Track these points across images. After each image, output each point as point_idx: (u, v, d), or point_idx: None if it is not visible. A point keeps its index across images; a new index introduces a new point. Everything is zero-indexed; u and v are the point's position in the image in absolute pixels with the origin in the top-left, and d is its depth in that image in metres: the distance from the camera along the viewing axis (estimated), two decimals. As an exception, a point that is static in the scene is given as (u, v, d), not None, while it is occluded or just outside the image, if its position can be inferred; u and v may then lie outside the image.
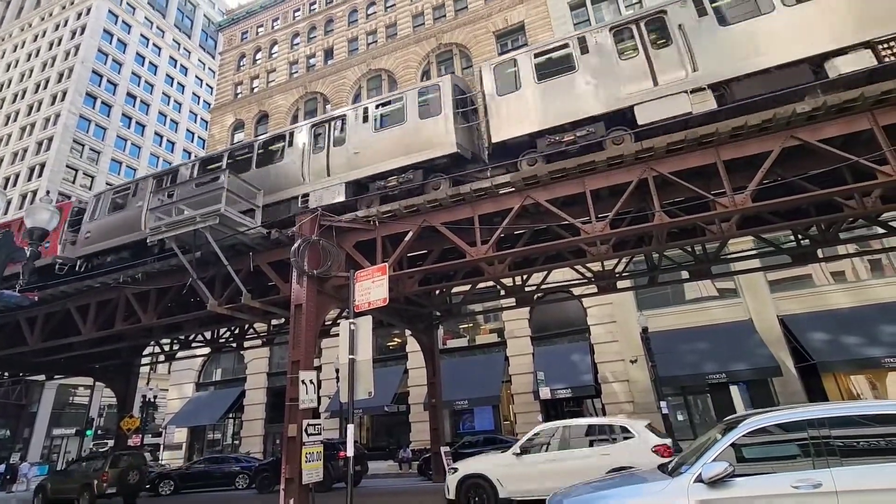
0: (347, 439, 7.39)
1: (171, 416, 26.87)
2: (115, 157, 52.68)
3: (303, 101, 32.39)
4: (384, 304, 8.42)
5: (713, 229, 10.76)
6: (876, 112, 8.35)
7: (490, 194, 10.49)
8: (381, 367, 22.95)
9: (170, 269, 12.88)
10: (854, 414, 4.41)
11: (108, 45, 54.63)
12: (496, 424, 21.22)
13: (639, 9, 23.68)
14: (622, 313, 19.93)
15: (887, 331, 15.68)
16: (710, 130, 8.95)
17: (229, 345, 20.00)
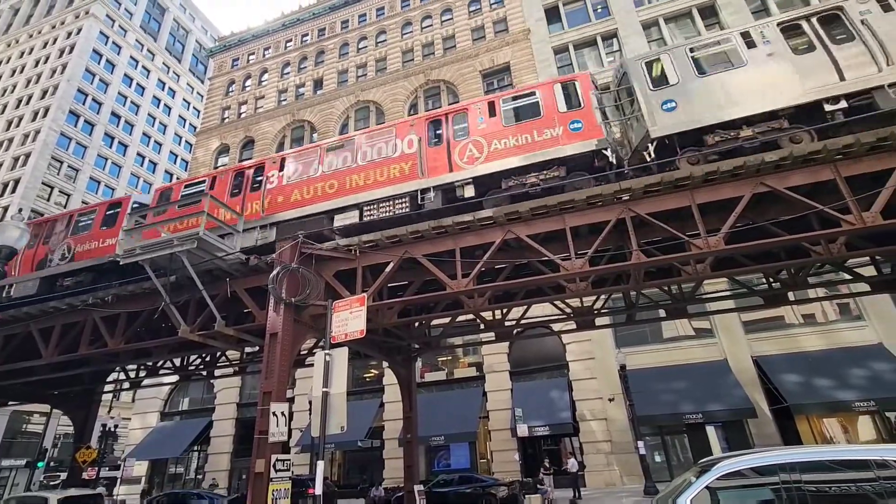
0: (316, 476, 7.10)
1: (132, 448, 25.51)
2: (94, 175, 51.84)
3: (290, 129, 32.65)
4: (361, 336, 8.28)
5: (688, 270, 11.00)
6: (838, 164, 8.80)
7: (472, 228, 10.58)
8: (357, 399, 22.37)
9: (142, 293, 12.51)
10: (824, 459, 4.45)
11: (95, 65, 54.61)
12: (472, 462, 20.70)
13: (619, 57, 24.93)
14: (601, 350, 19.99)
15: (856, 374, 16.03)
16: (685, 174, 9.28)
17: (199, 373, 19.29)
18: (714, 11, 24.96)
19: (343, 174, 12.02)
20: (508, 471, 19.07)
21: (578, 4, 28.30)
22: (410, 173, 11.37)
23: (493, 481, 16.71)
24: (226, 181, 13.37)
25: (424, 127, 11.89)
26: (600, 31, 26.52)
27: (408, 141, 11.81)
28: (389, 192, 11.39)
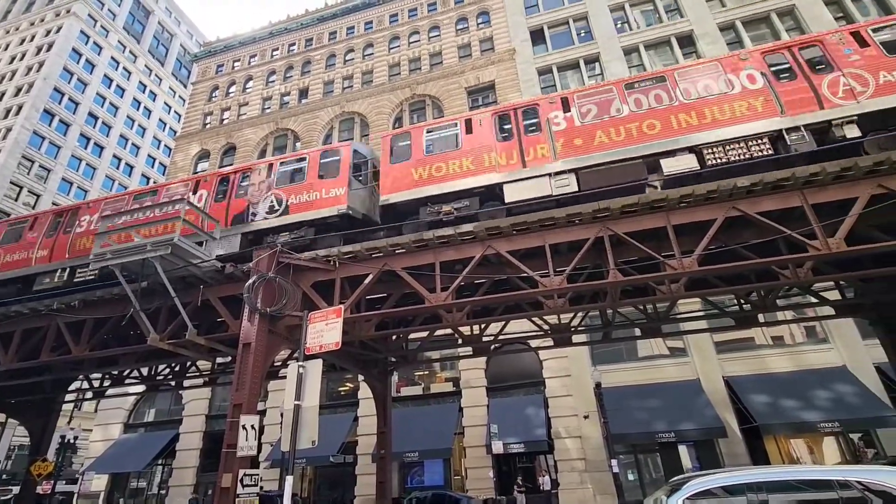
0: (285, 493, 6.91)
1: (92, 461, 24.40)
2: (67, 176, 50.41)
3: (272, 137, 32.41)
4: (337, 348, 8.17)
5: (663, 289, 11.22)
6: (806, 191, 9.16)
7: (452, 242, 10.62)
8: (331, 413, 21.94)
9: (111, 298, 12.13)
10: (789, 479, 4.54)
11: (74, 65, 53.49)
12: (446, 479, 20.42)
13: (600, 79, 25.61)
14: (577, 367, 20.10)
15: (822, 396, 16.48)
16: (662, 196, 9.53)
17: (167, 383, 18.68)
18: (692, 41, 25.93)
19: (666, 112, 10.60)
20: (482, 488, 18.88)
21: (562, 28, 29.07)
22: (765, 110, 10.03)
23: (466, 499, 16.52)
24: (489, 125, 11.78)
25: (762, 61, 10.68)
26: (583, 55, 27.24)
27: (747, 76, 10.61)
28: (739, 131, 10.01)
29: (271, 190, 12.49)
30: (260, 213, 12.27)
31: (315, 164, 12.46)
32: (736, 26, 25.52)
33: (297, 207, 12.02)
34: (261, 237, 12.14)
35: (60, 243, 13.38)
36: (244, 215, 12.42)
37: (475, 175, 11.14)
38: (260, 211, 12.31)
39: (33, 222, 14.27)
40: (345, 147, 12.72)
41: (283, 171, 12.78)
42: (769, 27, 25.14)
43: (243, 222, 12.34)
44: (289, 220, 11.92)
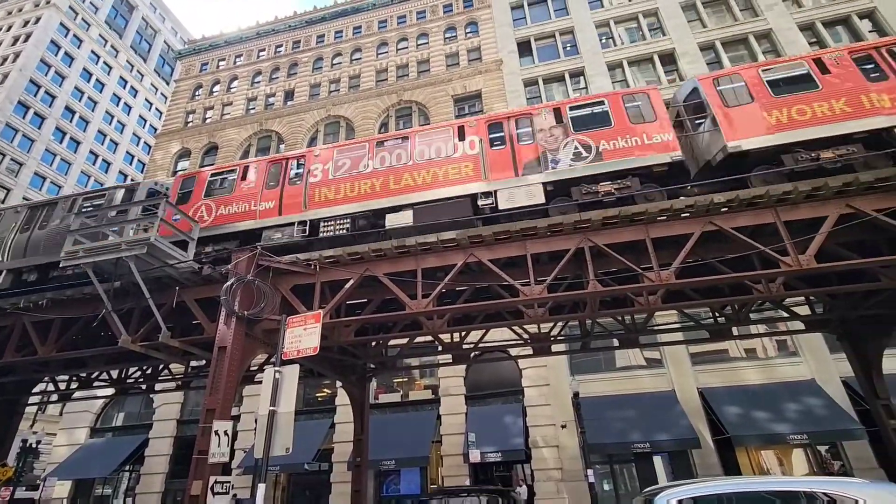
0: (257, 500, 6.76)
1: (55, 466, 23.49)
2: (40, 171, 48.93)
3: (256, 138, 32.05)
4: (314, 353, 8.06)
5: (641, 301, 11.40)
6: (779, 209, 9.45)
7: (435, 249, 10.62)
8: (307, 419, 21.60)
9: (82, 298, 11.77)
10: (758, 490, 4.63)
11: (52, 57, 52.16)
12: (423, 488, 20.24)
13: (585, 93, 26.06)
14: (555, 376, 20.22)
15: (791, 408, 16.88)
16: (642, 210, 9.71)
17: (138, 386, 18.14)
18: (673, 59, 26.61)
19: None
20: (459, 497, 18.74)
21: (549, 41, 29.55)
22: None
23: (442, 508, 16.37)
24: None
25: None
26: (568, 69, 27.70)
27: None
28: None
29: (571, 135, 11.32)
30: (563, 160, 11.08)
31: (620, 106, 11.40)
32: (716, 46, 26.30)
33: (613, 153, 10.81)
34: (566, 186, 10.93)
35: (290, 195, 12.35)
36: (538, 162, 11.21)
37: None
38: (562, 158, 11.12)
39: (244, 172, 13.09)
40: (652, 91, 11.66)
41: (581, 115, 11.62)
42: (747, 48, 25.98)
43: (538, 170, 11.10)
44: (603, 169, 10.74)
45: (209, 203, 12.67)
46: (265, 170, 12.84)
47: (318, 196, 12.06)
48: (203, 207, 12.61)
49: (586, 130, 11.23)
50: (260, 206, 12.33)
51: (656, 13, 28.46)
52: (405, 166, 11.85)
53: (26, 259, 12.99)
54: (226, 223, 12.28)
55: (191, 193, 12.90)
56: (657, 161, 10.52)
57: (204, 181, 13.09)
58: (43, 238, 13.07)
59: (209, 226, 12.30)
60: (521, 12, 31.17)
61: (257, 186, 12.60)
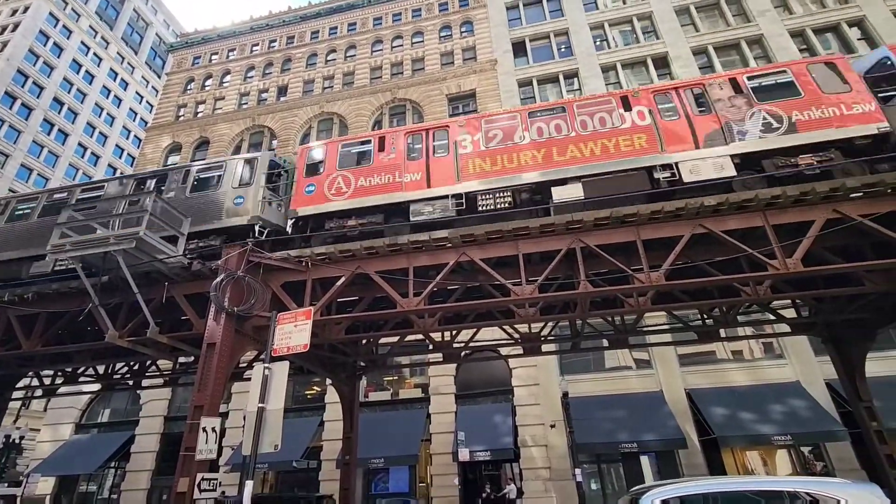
0: (244, 497, 6.73)
1: (38, 462, 23.16)
2: (27, 163, 48.14)
3: (248, 133, 31.81)
4: (305, 350, 8.03)
5: (631, 302, 11.49)
6: (768, 212, 9.58)
7: (427, 248, 10.62)
8: (296, 417, 21.51)
9: (68, 292, 11.61)
10: (743, 489, 4.70)
11: (41, 47, 51.31)
12: (411, 486, 20.25)
13: (578, 94, 26.18)
14: (545, 376, 20.32)
15: (776, 410, 17.12)
16: (633, 211, 9.79)
17: (125, 382, 17.94)
18: (666, 62, 26.81)
19: None
20: (448, 496, 18.80)
21: (544, 42, 29.64)
22: None
23: (431, 506, 16.42)
24: None
25: None
26: (563, 70, 27.82)
27: None
28: None
29: (757, 105, 10.69)
30: (751, 132, 10.47)
31: (807, 75, 10.82)
32: (708, 51, 26.55)
33: (809, 125, 10.18)
34: (755, 159, 10.38)
35: (439, 166, 11.60)
36: (721, 134, 10.62)
37: None
38: (750, 129, 10.51)
39: (380, 143, 12.33)
40: (839, 59, 11.09)
41: (763, 85, 11.05)
42: (739, 54, 26.26)
43: (722, 142, 10.49)
44: (799, 141, 10.13)
45: (346, 174, 11.90)
46: (405, 140, 12.11)
47: (471, 167, 11.32)
48: (340, 178, 11.87)
49: (773, 101, 10.70)
50: (405, 177, 11.52)
51: (650, 17, 28.66)
52: (569, 137, 11.20)
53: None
54: (368, 196, 11.50)
55: (321, 164, 12.22)
56: (861, 133, 9.88)
57: (335, 152, 12.37)
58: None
59: (351, 198, 11.58)
60: (516, 12, 31.23)
61: (399, 157, 11.84)
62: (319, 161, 12.32)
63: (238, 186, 12.15)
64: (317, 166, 12.28)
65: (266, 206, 11.94)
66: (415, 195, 11.25)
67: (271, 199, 12.23)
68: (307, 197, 11.81)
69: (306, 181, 12.03)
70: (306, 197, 11.82)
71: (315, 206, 11.66)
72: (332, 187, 11.79)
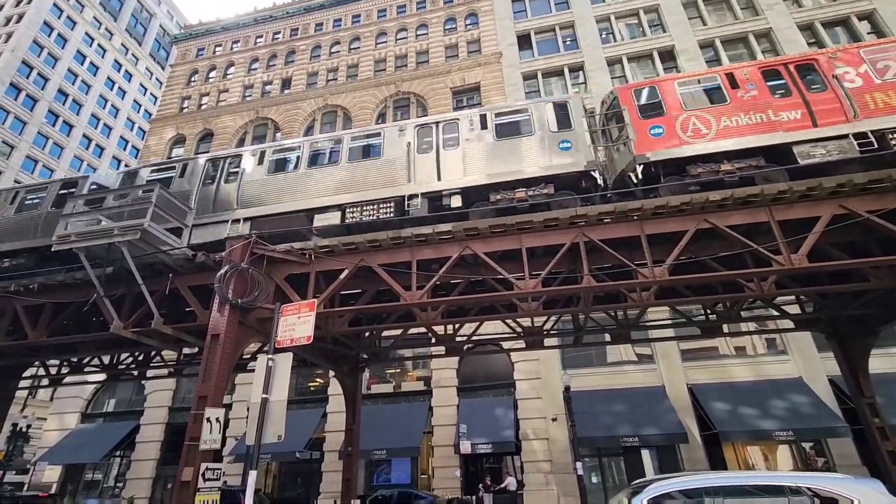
0: (248, 487, 6.79)
1: (45, 451, 23.45)
2: (32, 154, 48.32)
3: (252, 125, 31.79)
4: (308, 342, 8.07)
5: (634, 297, 11.48)
6: (773, 208, 9.51)
7: (430, 241, 10.62)
8: (299, 408, 21.67)
9: (73, 283, 11.68)
10: (744, 484, 4.71)
11: (45, 38, 51.32)
12: (413, 478, 20.41)
13: (583, 88, 26.01)
14: (547, 370, 20.37)
15: (778, 406, 17.13)
16: (637, 206, 9.74)
17: (130, 372, 18.08)
18: (673, 56, 26.58)
19: None
20: (449, 487, 18.94)
21: (549, 35, 29.41)
22: None
23: (432, 498, 16.55)
24: None
25: None
26: (568, 63, 27.61)
27: None
28: None
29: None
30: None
31: None
32: (715, 44, 26.29)
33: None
34: None
35: (821, 101, 10.33)
36: None
37: None
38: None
39: (729, 79, 11.12)
40: None
41: None
42: (747, 47, 25.99)
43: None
44: None
45: (702, 115, 10.70)
46: (760, 76, 10.92)
47: (874, 102, 9.97)
48: (693, 119, 10.73)
49: None
50: (780, 116, 10.37)
51: (657, 10, 28.38)
52: None
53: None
54: (736, 137, 10.40)
55: (659, 104, 11.06)
56: None
57: (672, 90, 11.21)
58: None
59: (716, 139, 10.41)
60: (521, 5, 30.98)
61: (762, 95, 10.65)
62: (655, 101, 11.15)
63: (558, 130, 11.24)
64: (655, 107, 11.07)
65: (598, 150, 10.97)
66: (797, 136, 10.08)
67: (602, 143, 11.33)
68: (655, 140, 10.49)
69: (647, 122, 10.77)
70: (654, 140, 10.52)
71: (669, 149, 10.42)
72: (688, 129, 10.52)
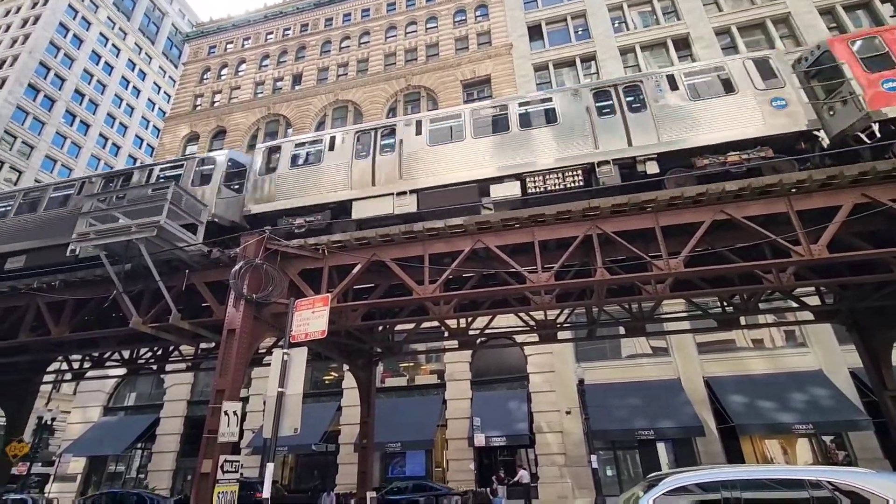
0: (266, 479, 6.90)
1: (70, 443, 24.09)
2: (51, 154, 49.25)
3: (264, 122, 31.99)
4: (322, 337, 8.14)
5: (649, 289, 11.35)
6: (792, 198, 9.30)
7: (442, 235, 10.61)
8: (314, 402, 21.91)
9: (93, 279, 11.93)
10: (763, 477, 4.65)
11: (61, 39, 52.12)
12: (427, 470, 20.55)
13: (595, 78, 25.67)
14: (561, 363, 20.30)
15: (797, 398, 16.85)
16: (651, 197, 9.61)
17: (149, 367, 18.48)
18: (687, 44, 26.06)
19: None
20: (463, 480, 19.03)
21: (560, 25, 29.02)
22: None
23: (446, 490, 16.66)
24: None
25: None
26: (579, 53, 27.24)
27: None
28: None
29: None
30: None
31: None
32: (731, 31, 25.69)
33: None
34: None
35: None
36: None
37: None
38: None
39: None
40: None
41: None
42: (764, 33, 25.36)
43: None
44: None
45: None
46: None
47: None
48: None
49: None
50: None
51: (671, -4, 27.80)
52: None
53: None
54: None
55: (888, 56, 10.17)
56: None
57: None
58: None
59: None
60: (532, -5, 30.59)
61: None
62: (884, 52, 10.16)
63: (766, 88, 10.40)
64: (884, 59, 10.09)
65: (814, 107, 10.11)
66: None
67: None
68: (891, 95, 9.55)
69: (878, 76, 9.79)
70: (890, 94, 9.57)
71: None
72: None
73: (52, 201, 13.55)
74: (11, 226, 13.60)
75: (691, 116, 10.53)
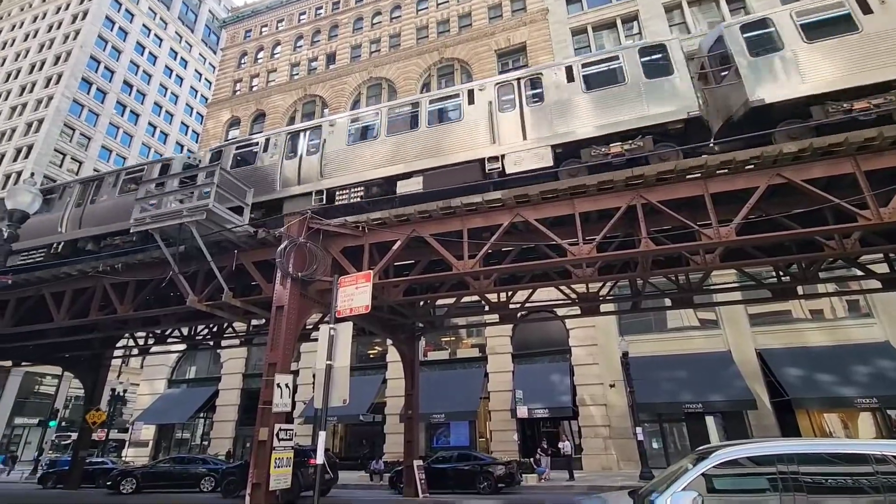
0: (318, 447, 7.25)
1: (140, 412, 26.19)
2: (106, 144, 52.03)
3: (301, 103, 32.43)
4: (366, 312, 8.35)
5: (697, 260, 10.89)
6: (859, 157, 8.58)
7: (480, 209, 10.52)
8: (360, 375, 22.70)
9: (151, 261, 12.66)
10: (822, 451, 4.45)
11: (108, 32, 54.28)
12: (471, 440, 21.04)
13: (638, 38, 24.31)
14: (604, 337, 20.03)
15: (861, 371, 15.96)
16: (700, 163, 9.11)
17: (206, 342, 19.63)
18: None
19: None
20: (507, 450, 19.38)
21: (599, -16, 27.52)
22: None
23: (491, 460, 16.99)
24: None
25: None
26: (620, 13, 25.83)
27: None
28: None
29: None
30: None
31: None
32: (790, -23, 23.57)
33: None
34: None
35: None
36: None
37: None
38: None
39: None
40: None
41: None
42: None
43: None
44: None
45: None
46: None
47: None
48: None
49: None
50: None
51: (722, -57, 25.69)
52: None
53: None
54: None
55: None
56: None
57: None
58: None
59: None
60: (568, -47, 29.04)
61: None
62: None
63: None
64: None
65: None
66: None
67: None
68: None
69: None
70: None
71: None
72: None
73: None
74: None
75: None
